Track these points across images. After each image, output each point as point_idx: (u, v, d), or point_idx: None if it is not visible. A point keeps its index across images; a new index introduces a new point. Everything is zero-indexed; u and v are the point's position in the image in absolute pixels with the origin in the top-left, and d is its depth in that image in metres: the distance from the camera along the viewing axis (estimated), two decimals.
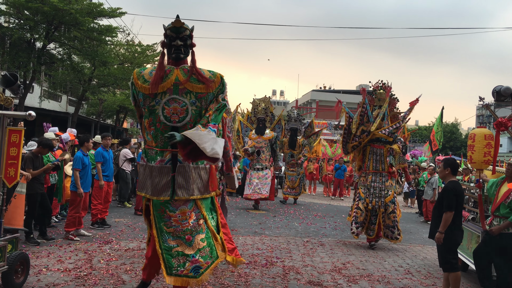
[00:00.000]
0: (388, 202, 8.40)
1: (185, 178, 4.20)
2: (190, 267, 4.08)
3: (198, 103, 4.26)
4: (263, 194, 12.65)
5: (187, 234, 4.14)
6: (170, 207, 4.19)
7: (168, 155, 4.25)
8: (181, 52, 4.33)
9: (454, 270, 5.30)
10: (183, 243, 4.12)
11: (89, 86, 20.64)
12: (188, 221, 4.16)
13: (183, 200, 4.20)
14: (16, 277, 4.87)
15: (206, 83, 4.25)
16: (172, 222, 4.16)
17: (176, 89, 4.24)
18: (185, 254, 4.10)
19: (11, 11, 16.31)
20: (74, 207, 7.64)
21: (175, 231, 4.14)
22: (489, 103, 7.05)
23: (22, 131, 5.02)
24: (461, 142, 49.54)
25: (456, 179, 5.56)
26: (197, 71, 4.29)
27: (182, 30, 4.30)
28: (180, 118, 4.21)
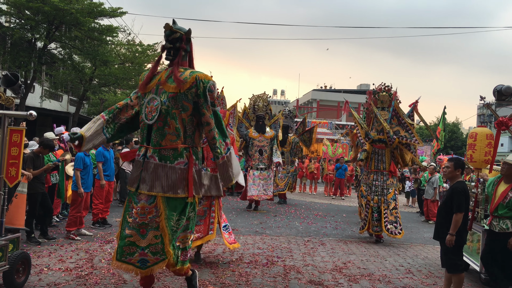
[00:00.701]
0: (389, 199, 8.84)
1: (148, 173, 4.31)
2: (138, 258, 4.21)
3: (168, 103, 4.33)
4: (269, 195, 12.54)
5: (142, 228, 4.22)
6: (135, 199, 4.34)
7: (143, 150, 4.44)
8: (169, 54, 4.48)
9: (459, 272, 5.26)
10: (137, 235, 4.22)
11: (90, 86, 20.66)
12: (146, 216, 4.23)
13: (146, 195, 4.29)
14: (18, 277, 4.88)
15: (177, 84, 4.33)
16: (132, 213, 4.28)
17: (157, 89, 4.43)
18: (136, 245, 4.21)
19: (12, 11, 16.35)
20: (75, 207, 7.66)
21: (133, 221, 4.24)
22: (490, 103, 7.05)
23: (23, 131, 5.03)
24: (462, 141, 49.50)
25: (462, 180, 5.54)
26: (173, 71, 4.41)
27: (169, 33, 4.46)
28: (152, 116, 4.34)
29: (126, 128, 4.76)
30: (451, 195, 5.23)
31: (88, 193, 8.01)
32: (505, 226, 5.64)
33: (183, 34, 4.50)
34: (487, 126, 8.71)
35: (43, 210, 7.38)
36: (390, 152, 9.13)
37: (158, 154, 4.32)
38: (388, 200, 8.82)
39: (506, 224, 5.64)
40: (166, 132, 4.31)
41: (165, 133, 4.31)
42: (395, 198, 8.90)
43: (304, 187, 20.26)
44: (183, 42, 4.51)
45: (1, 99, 4.92)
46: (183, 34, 4.50)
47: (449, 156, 9.21)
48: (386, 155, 9.07)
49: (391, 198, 8.85)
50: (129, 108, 4.71)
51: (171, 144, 4.32)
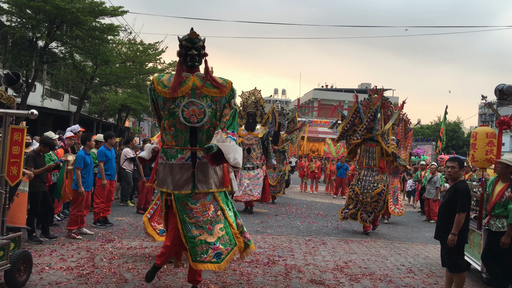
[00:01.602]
0: (374, 194, 9.52)
1: (203, 173, 4.67)
2: (213, 253, 4.49)
3: (214, 106, 4.74)
4: (255, 196, 11.71)
5: (208, 224, 4.57)
6: (191, 200, 4.63)
7: (188, 152, 4.71)
8: (196, 60, 4.81)
9: (460, 271, 5.25)
10: (205, 232, 4.53)
11: (91, 85, 20.66)
12: (208, 212, 4.60)
13: (203, 193, 4.65)
14: (19, 275, 4.89)
15: (220, 88, 4.77)
16: (193, 213, 4.59)
17: (194, 93, 4.72)
18: (207, 242, 4.50)
19: (13, 10, 16.34)
20: (76, 206, 7.66)
21: (197, 221, 4.56)
22: (491, 102, 7.04)
23: (25, 129, 5.04)
24: (463, 141, 49.46)
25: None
26: (211, 77, 4.81)
27: (196, 41, 4.78)
28: (199, 119, 4.68)
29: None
30: (454, 195, 5.21)
31: (89, 192, 8.01)
32: (500, 225, 5.65)
33: (203, 42, 4.88)
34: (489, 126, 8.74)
35: (44, 209, 7.38)
36: (380, 149, 9.72)
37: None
38: (373, 195, 9.51)
39: (502, 223, 5.65)
40: (211, 133, 4.70)
41: (211, 133, 4.70)
42: (381, 194, 9.56)
43: (305, 186, 20.26)
44: (204, 49, 4.91)
45: (2, 98, 4.92)
46: (203, 42, 4.88)
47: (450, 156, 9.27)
48: (376, 153, 9.72)
49: (377, 194, 9.52)
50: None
51: None
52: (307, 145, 38.51)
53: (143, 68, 22.06)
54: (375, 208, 9.58)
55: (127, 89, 24.56)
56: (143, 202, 10.81)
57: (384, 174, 9.79)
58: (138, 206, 10.84)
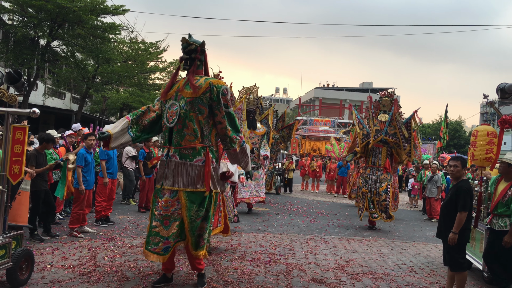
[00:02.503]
0: (380, 192, 10.04)
1: (171, 170, 4.90)
2: (162, 246, 4.80)
3: (186, 107, 4.87)
4: (261, 196, 11.54)
5: (165, 219, 4.82)
6: (159, 194, 4.93)
7: (166, 150, 5.04)
8: (186, 64, 5.03)
9: (462, 270, 5.24)
10: (161, 226, 4.81)
11: (92, 84, 20.67)
12: (169, 209, 4.83)
13: (169, 190, 4.87)
14: (21, 274, 4.90)
15: (193, 89, 4.87)
16: (158, 206, 4.87)
17: (176, 95, 5.01)
18: (160, 235, 4.79)
19: (15, 9, 16.35)
20: (78, 204, 7.67)
21: (158, 214, 4.83)
22: (493, 101, 7.04)
23: (26, 128, 5.04)
24: (465, 139, 49.41)
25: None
26: (189, 79, 4.96)
27: (185, 45, 5.00)
28: (172, 120, 4.90)
29: (148, 130, 5.23)
30: (456, 194, 5.19)
31: (90, 190, 8.02)
32: (503, 224, 5.64)
33: (198, 46, 5.04)
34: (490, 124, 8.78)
35: (46, 207, 7.40)
36: (386, 150, 10.18)
37: (178, 153, 4.91)
38: (379, 192, 10.03)
39: (504, 222, 5.64)
40: (185, 133, 4.86)
41: (184, 134, 4.87)
42: (386, 191, 10.05)
43: (306, 185, 20.26)
44: (197, 53, 5.05)
45: (4, 96, 4.92)
46: (198, 46, 5.05)
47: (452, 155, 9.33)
48: (382, 153, 10.20)
49: (383, 191, 10.03)
50: (151, 111, 5.22)
51: (189, 143, 4.87)
52: (308, 144, 38.51)
53: (144, 67, 22.07)
54: (387, 207, 10.01)
55: (129, 88, 24.58)
56: (144, 200, 10.83)
57: (389, 174, 10.20)
58: (140, 204, 10.86)
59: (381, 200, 10.02)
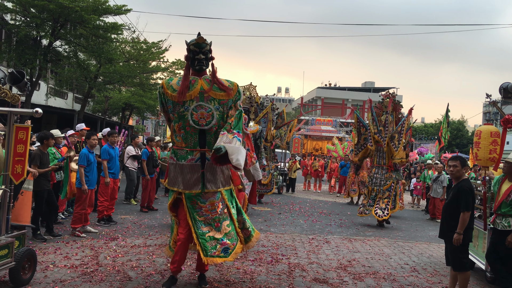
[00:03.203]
0: (385, 189, 10.56)
1: (212, 173, 4.90)
2: (221, 248, 4.78)
3: (221, 108, 4.92)
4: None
5: (216, 222, 4.85)
6: (201, 199, 4.88)
7: (197, 154, 4.91)
8: (203, 64, 4.97)
9: (464, 270, 5.23)
10: (213, 229, 4.82)
11: (95, 84, 20.69)
12: (216, 210, 4.87)
13: (211, 192, 4.89)
14: (24, 273, 4.91)
15: (227, 91, 4.94)
16: (203, 211, 4.86)
17: (202, 96, 4.89)
18: (216, 238, 4.80)
19: (17, 9, 16.37)
20: (80, 204, 7.68)
21: (206, 219, 4.84)
22: (496, 100, 7.01)
23: (29, 128, 5.05)
24: (467, 139, 49.32)
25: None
26: (218, 81, 4.97)
27: (203, 45, 4.92)
28: (207, 122, 4.86)
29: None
30: (458, 194, 5.17)
31: (92, 190, 8.03)
32: (507, 224, 5.63)
33: (210, 46, 5.01)
34: (493, 124, 8.81)
35: (49, 207, 7.41)
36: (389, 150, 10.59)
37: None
38: (383, 190, 10.56)
39: (508, 222, 5.62)
40: (219, 134, 4.83)
41: (218, 135, 4.83)
42: (389, 189, 10.56)
43: (308, 184, 20.25)
44: (211, 52, 5.04)
45: (7, 96, 4.93)
46: (210, 45, 5.00)
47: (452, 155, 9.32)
48: (386, 153, 10.64)
49: (387, 189, 10.56)
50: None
51: None
52: (310, 144, 38.49)
53: (146, 67, 22.08)
54: (388, 204, 10.44)
55: (131, 88, 24.59)
56: (146, 200, 10.83)
57: (393, 172, 10.69)
58: (142, 204, 10.86)
59: (384, 198, 10.50)
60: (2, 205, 4.78)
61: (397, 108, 10.82)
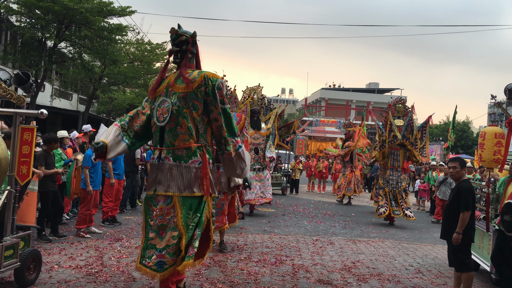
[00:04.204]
0: (401, 190, 11.14)
1: (164, 174, 4.37)
2: (155, 260, 4.20)
3: (179, 103, 4.37)
4: (267, 197, 11.31)
5: (161, 229, 4.30)
6: (153, 201, 4.42)
7: (157, 152, 4.49)
8: (177, 57, 4.55)
9: (468, 270, 5.23)
10: (157, 237, 4.30)
11: (99, 85, 20.78)
12: (164, 217, 4.30)
13: (163, 196, 4.36)
14: (29, 274, 4.93)
15: (186, 84, 4.38)
16: (153, 215, 4.37)
17: (167, 91, 4.50)
18: (155, 247, 4.26)
19: (22, 11, 16.47)
20: (84, 205, 7.71)
21: (154, 224, 4.34)
22: (501, 101, 6.99)
23: (34, 129, 5.07)
24: (472, 140, 49.09)
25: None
26: (181, 72, 4.47)
27: (174, 37, 4.52)
28: (164, 118, 4.39)
29: (142, 135, 4.76)
30: (458, 194, 5.21)
31: (97, 191, 8.06)
32: None
33: (189, 37, 4.56)
34: (498, 125, 8.86)
35: (54, 208, 7.44)
36: (403, 152, 11.19)
37: (172, 155, 4.37)
38: (401, 191, 11.12)
39: None
40: (178, 132, 4.35)
41: (177, 133, 4.36)
42: (406, 190, 11.24)
43: (312, 186, 20.23)
44: (189, 44, 4.56)
45: (12, 98, 4.96)
46: (189, 37, 4.56)
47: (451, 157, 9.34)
48: (400, 155, 11.20)
49: (403, 190, 11.14)
50: (140, 115, 4.73)
51: (184, 143, 4.36)
52: (314, 145, 38.45)
53: (151, 68, 22.15)
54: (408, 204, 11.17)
55: (135, 89, 24.67)
56: None
57: (406, 173, 11.46)
58: None
59: (405, 199, 11.12)
60: (7, 205, 4.81)
61: (407, 113, 11.37)
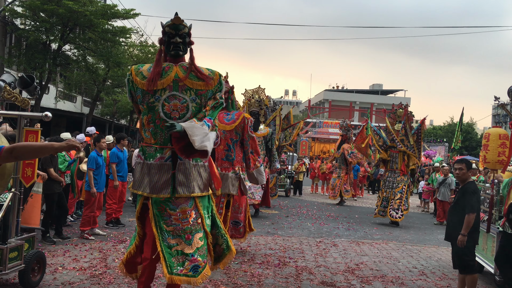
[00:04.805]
0: (396, 192, 11.42)
1: (185, 175, 4.11)
2: (190, 266, 4.00)
3: (198, 100, 4.20)
4: (256, 199, 10.78)
5: (187, 233, 4.05)
6: (170, 205, 4.09)
7: (168, 152, 4.14)
8: (180, 49, 4.27)
9: (472, 272, 5.21)
10: (183, 242, 4.03)
11: (103, 87, 20.87)
12: (188, 220, 4.08)
13: (184, 198, 4.10)
14: (33, 276, 4.95)
15: (206, 81, 4.21)
16: (172, 220, 4.07)
17: (176, 85, 4.18)
18: (184, 253, 4.01)
19: (27, 13, 16.57)
20: (88, 207, 7.74)
21: (175, 229, 4.05)
22: (504, 103, 6.97)
23: (39, 131, 5.11)
24: (476, 142, 48.90)
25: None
26: (196, 68, 4.25)
27: (181, 27, 4.25)
28: (181, 115, 4.13)
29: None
30: (463, 196, 5.19)
31: (101, 193, 8.09)
32: None
33: (189, 29, 4.34)
34: (502, 127, 8.86)
35: (58, 209, 7.48)
36: (402, 155, 11.58)
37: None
38: (395, 192, 11.41)
39: None
40: None
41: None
42: (401, 191, 11.44)
43: (316, 187, 20.21)
44: (190, 36, 4.36)
45: (17, 100, 5.00)
46: (189, 28, 4.34)
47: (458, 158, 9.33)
48: (399, 158, 11.61)
49: (398, 191, 11.42)
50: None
51: None
52: (318, 146, 38.40)
53: None
54: (400, 205, 11.29)
55: None
56: None
57: (405, 175, 11.59)
58: None
59: (395, 199, 11.32)
60: (12, 207, 4.84)
61: (409, 118, 11.71)
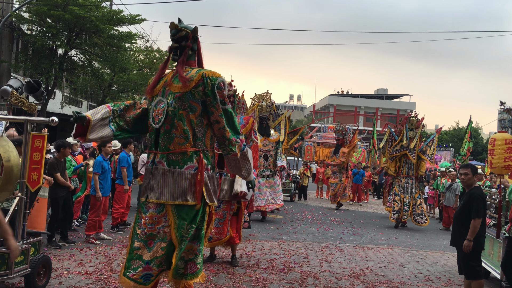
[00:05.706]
0: (416, 197, 11.93)
1: (157, 180, 4.01)
2: (142, 273, 3.87)
3: (175, 104, 4.03)
4: (278, 203, 11.45)
5: (150, 239, 3.93)
6: (144, 208, 4.05)
7: (152, 156, 4.15)
8: (175, 54, 4.23)
9: (478, 278, 5.18)
10: (144, 247, 3.93)
11: (109, 92, 20.99)
12: (154, 226, 3.94)
13: (153, 204, 3.99)
14: (39, 280, 4.97)
15: (183, 83, 4.04)
16: (141, 224, 4.00)
17: (164, 91, 4.18)
18: (142, 259, 3.90)
19: (34, 19, 16.73)
20: (94, 211, 7.77)
21: (141, 233, 3.96)
22: (510, 108, 6.95)
23: (45, 136, 5.14)
24: (482, 147, 48.69)
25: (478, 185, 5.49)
26: (178, 70, 4.15)
27: (176, 32, 4.22)
28: (159, 120, 4.06)
29: (131, 129, 4.41)
30: (469, 201, 5.17)
31: (106, 197, 8.12)
32: None
33: (189, 32, 4.23)
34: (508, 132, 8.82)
35: (64, 214, 7.51)
36: (417, 161, 12.02)
37: (166, 159, 4.00)
38: (415, 198, 11.89)
39: None
40: (173, 135, 3.99)
41: (172, 136, 3.99)
42: (420, 197, 12.10)
43: (321, 192, 20.17)
44: (189, 40, 4.24)
45: (24, 105, 5.04)
46: (189, 32, 4.23)
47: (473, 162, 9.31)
48: (414, 164, 12.05)
49: (417, 197, 11.96)
50: (136, 108, 4.40)
51: (179, 147, 3.98)
52: (323, 151, 38.35)
53: None
54: (423, 209, 11.88)
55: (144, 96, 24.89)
56: None
57: (419, 183, 12.30)
58: None
59: (417, 204, 11.81)
60: (18, 212, 4.86)
61: (419, 125, 12.27)
